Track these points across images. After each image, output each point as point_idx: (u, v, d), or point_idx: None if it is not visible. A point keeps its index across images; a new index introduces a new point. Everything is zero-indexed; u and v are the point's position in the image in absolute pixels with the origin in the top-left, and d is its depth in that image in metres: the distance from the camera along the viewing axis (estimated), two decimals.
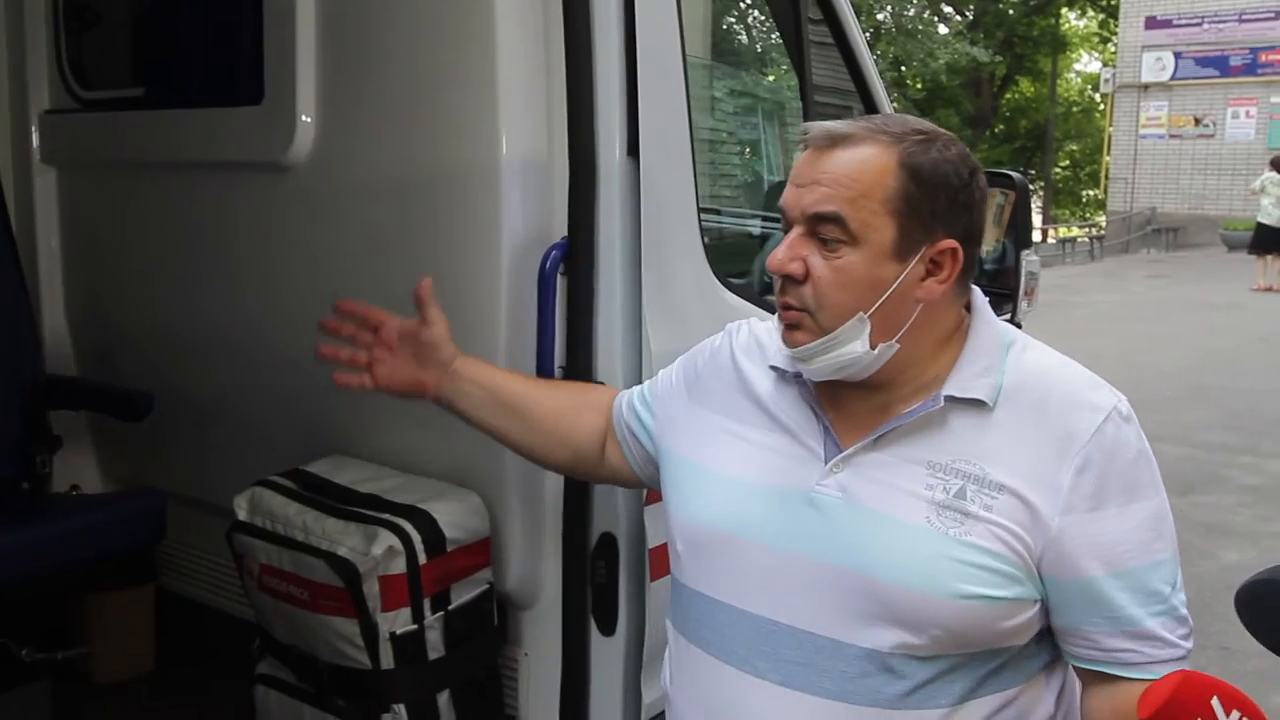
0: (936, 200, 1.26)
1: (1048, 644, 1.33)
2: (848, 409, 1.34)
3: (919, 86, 27.64)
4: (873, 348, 1.27)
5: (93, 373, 2.74)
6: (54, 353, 2.70)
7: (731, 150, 4.86)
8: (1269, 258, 14.50)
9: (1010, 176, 2.77)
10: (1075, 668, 1.33)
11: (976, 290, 1.38)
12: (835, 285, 1.26)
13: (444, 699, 1.87)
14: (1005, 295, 2.64)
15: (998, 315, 1.43)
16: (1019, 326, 2.50)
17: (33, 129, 2.74)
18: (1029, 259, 2.71)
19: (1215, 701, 1.06)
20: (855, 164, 1.25)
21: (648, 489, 1.79)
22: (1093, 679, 1.30)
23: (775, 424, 1.39)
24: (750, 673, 1.34)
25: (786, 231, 1.30)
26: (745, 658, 1.34)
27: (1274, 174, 14.77)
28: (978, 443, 1.27)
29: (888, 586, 1.25)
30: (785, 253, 1.28)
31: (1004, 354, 1.32)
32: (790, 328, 1.30)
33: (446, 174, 1.96)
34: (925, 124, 1.32)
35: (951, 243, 1.27)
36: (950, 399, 1.28)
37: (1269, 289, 14.16)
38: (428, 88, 1.98)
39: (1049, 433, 1.26)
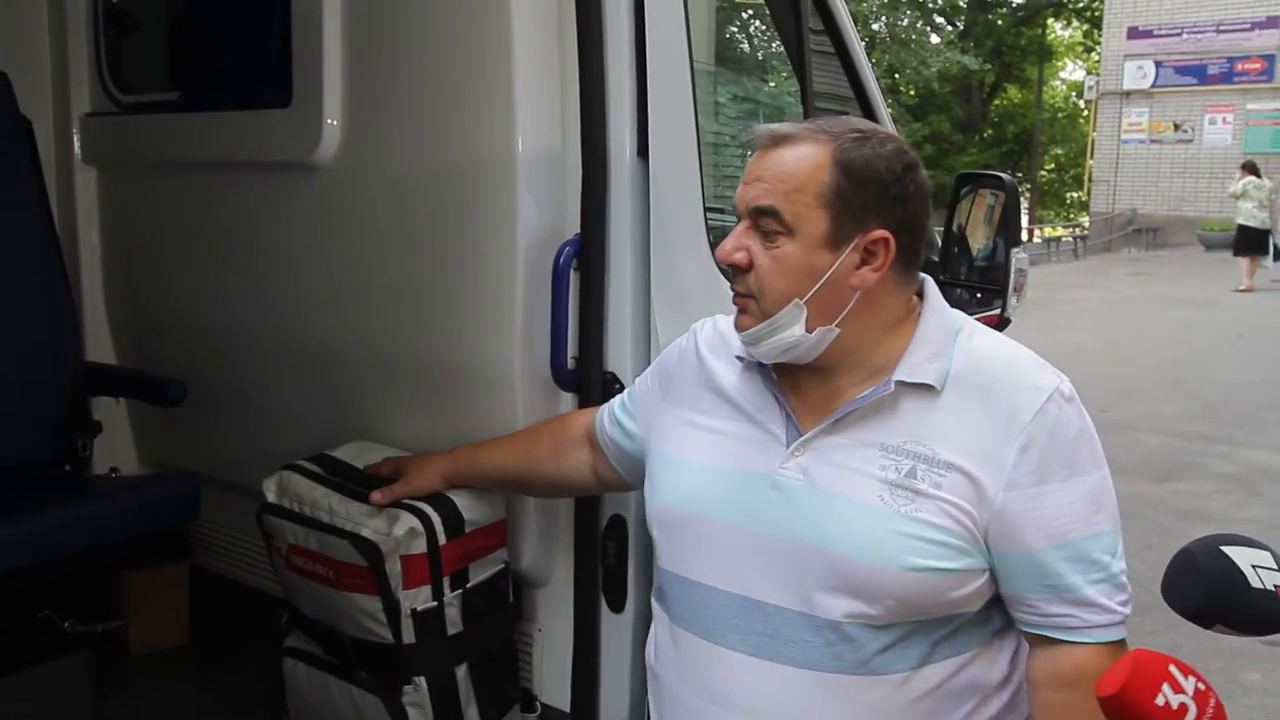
0: (867, 193, 1.28)
1: (999, 611, 1.35)
2: (805, 394, 1.37)
3: (912, 93, 27.58)
4: (809, 331, 1.30)
5: (130, 361, 2.74)
6: (94, 342, 2.70)
7: (734, 152, 4.85)
8: (1248, 259, 14.36)
9: (1001, 178, 2.75)
10: (1023, 632, 1.35)
11: (929, 279, 1.41)
12: (774, 273, 1.30)
13: (462, 672, 1.86)
14: (995, 291, 2.63)
15: (988, 310, 1.44)
16: (1009, 321, 2.50)
17: (74, 131, 2.74)
18: (1018, 257, 2.69)
19: (1173, 668, 1.08)
20: (792, 161, 1.29)
21: None
22: (1037, 642, 1.33)
23: (739, 412, 1.41)
24: (724, 645, 1.36)
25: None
26: (719, 632, 1.37)
27: (1253, 178, 14.63)
28: (927, 424, 1.29)
29: (845, 560, 1.28)
30: (731, 243, 1.33)
31: (952, 340, 1.34)
32: (740, 313, 1.35)
33: (465, 173, 1.95)
34: (866, 124, 1.36)
35: (883, 233, 1.30)
36: (900, 384, 1.31)
37: (1250, 289, 14.02)
38: (447, 92, 1.97)
39: (994, 413, 1.28)
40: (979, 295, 2.68)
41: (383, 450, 2.00)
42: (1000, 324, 2.35)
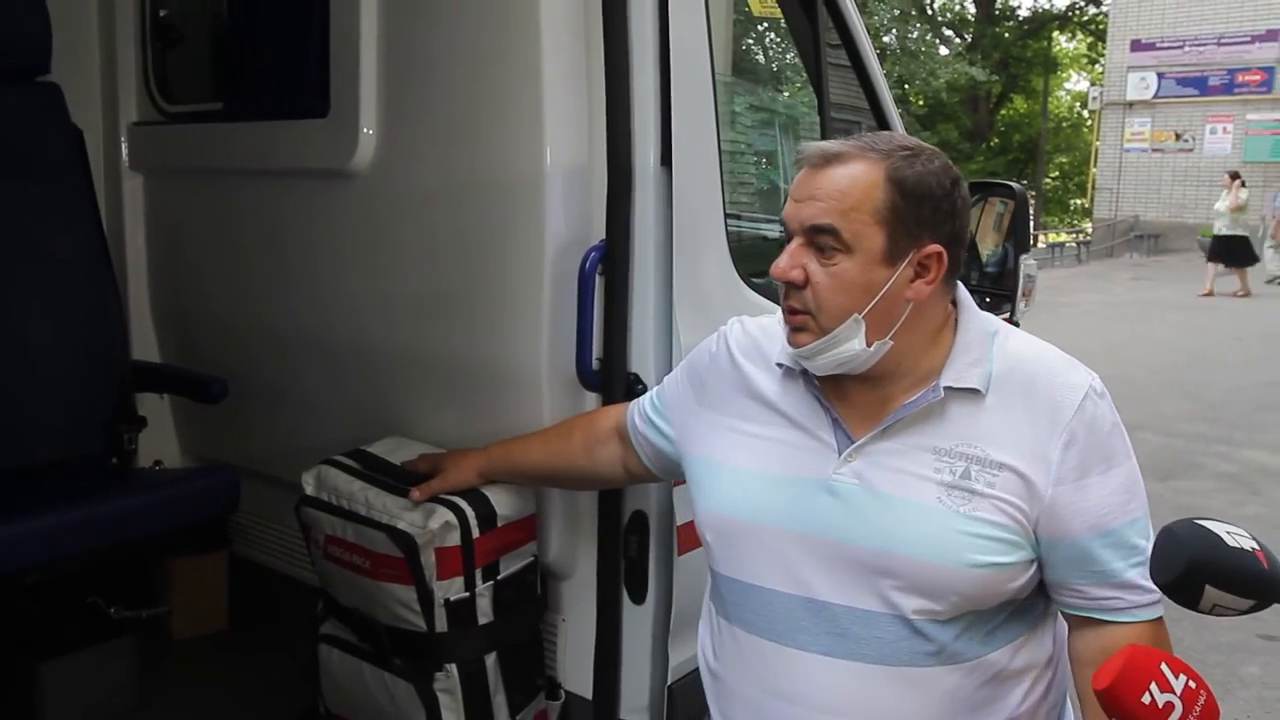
0: (921, 209, 1.28)
1: (1041, 596, 1.37)
2: (853, 401, 1.36)
3: (921, 103, 27.47)
4: (869, 345, 1.30)
5: (173, 359, 2.76)
6: (139, 341, 2.71)
7: (752, 160, 4.84)
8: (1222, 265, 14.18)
9: (1011, 187, 2.75)
10: (1065, 614, 1.37)
11: (961, 285, 1.40)
12: (832, 289, 1.29)
13: (491, 660, 1.87)
14: (1005, 296, 2.62)
15: (997, 314, 1.45)
16: (1017, 325, 2.48)
17: (122, 139, 2.76)
18: (1027, 263, 2.68)
19: (1164, 666, 1.08)
20: (847, 179, 1.28)
21: None
22: (1080, 624, 1.35)
23: (785, 419, 1.41)
24: (794, 646, 1.36)
25: (788, 242, 1.32)
26: (787, 633, 1.37)
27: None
28: (975, 427, 1.30)
29: (909, 560, 1.29)
30: (787, 261, 1.31)
31: (990, 344, 1.35)
32: (795, 330, 1.33)
33: (495, 181, 1.95)
34: (911, 140, 1.35)
35: (937, 247, 1.30)
36: (949, 389, 1.31)
37: (1210, 293, 13.84)
38: (479, 102, 1.97)
39: (1037, 413, 1.29)
40: (989, 300, 2.68)
41: (416, 446, 2.00)
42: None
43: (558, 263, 1.88)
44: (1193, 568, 1.08)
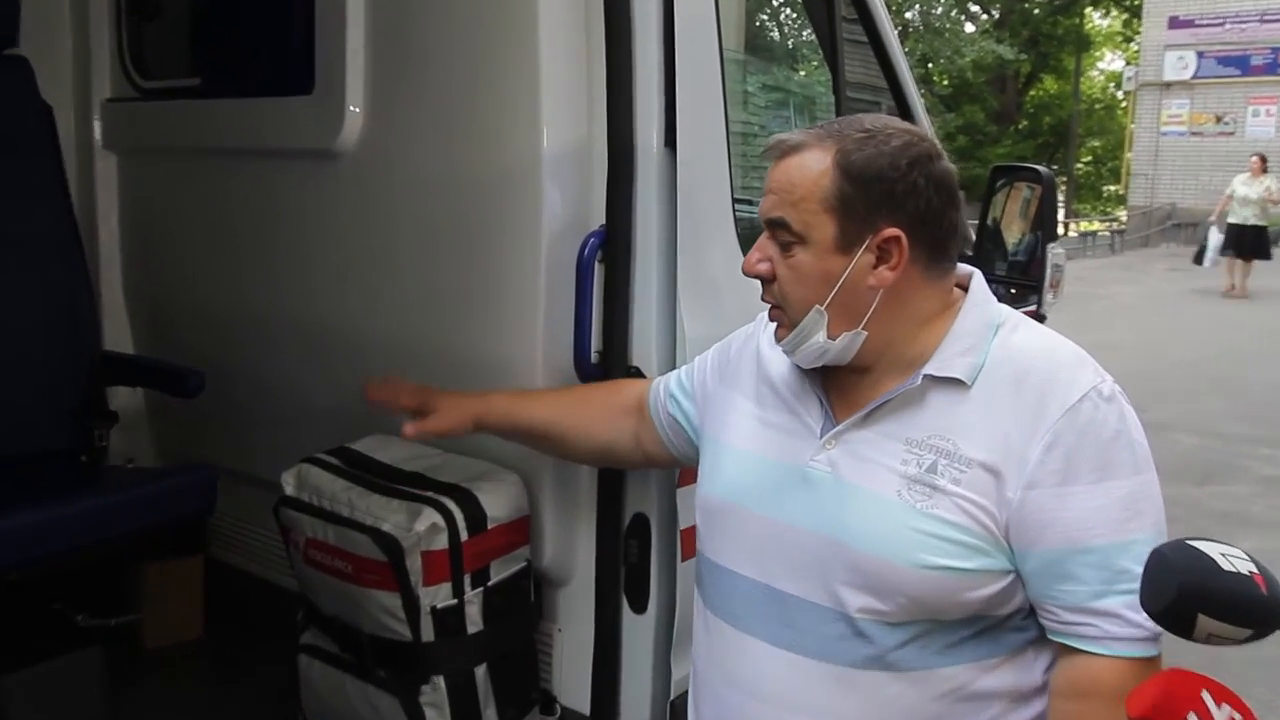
0: (870, 193, 1.28)
1: (1036, 619, 1.33)
2: (843, 388, 1.39)
3: (945, 83, 27.42)
4: (833, 337, 1.32)
5: (148, 351, 2.76)
6: (112, 331, 2.72)
7: (763, 142, 4.82)
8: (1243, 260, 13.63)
9: (1037, 171, 2.73)
10: (1051, 641, 1.33)
11: (977, 274, 1.40)
12: (792, 282, 1.33)
13: (481, 672, 1.86)
14: (1031, 286, 2.60)
15: (1022, 305, 1.43)
16: (1044, 318, 2.47)
17: (95, 117, 2.76)
18: (1054, 252, 2.67)
19: (1206, 694, 1.04)
20: (798, 170, 1.31)
21: (680, 470, 1.81)
22: (1061, 650, 1.31)
23: (784, 404, 1.43)
24: (748, 633, 1.39)
25: None
26: (745, 619, 1.40)
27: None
28: (953, 419, 1.29)
29: (859, 553, 1.29)
30: (755, 255, 1.36)
31: (990, 335, 1.33)
32: (776, 325, 1.39)
33: (489, 163, 1.94)
34: (878, 121, 1.34)
35: (894, 231, 1.29)
36: (929, 377, 1.31)
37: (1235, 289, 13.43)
38: (472, 81, 1.97)
39: (1022, 408, 1.27)
40: (1014, 291, 2.66)
41: (401, 444, 1.99)
42: (1036, 321, 2.33)
43: (555, 249, 1.87)
44: (1184, 595, 1.04)
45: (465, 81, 1.98)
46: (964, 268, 1.40)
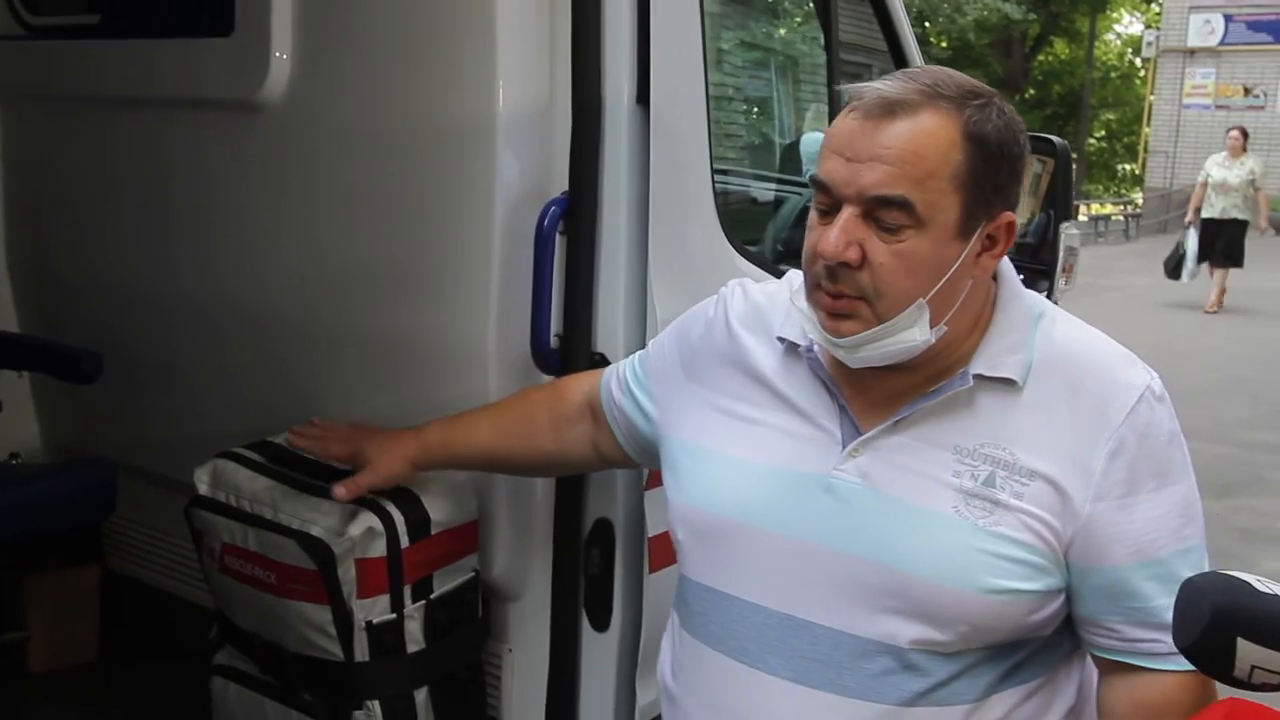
0: (1000, 173, 1.27)
1: (1068, 633, 1.37)
2: (866, 387, 1.36)
3: (944, 45, 27.59)
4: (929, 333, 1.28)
5: (36, 329, 2.73)
6: None
7: (738, 106, 4.84)
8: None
9: (1050, 141, 2.77)
10: (1094, 656, 1.37)
11: (1005, 259, 1.40)
12: (898, 272, 1.25)
13: (422, 696, 1.87)
14: (1042, 271, 2.65)
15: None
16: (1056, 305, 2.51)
17: None
18: (1069, 233, 2.72)
19: None
20: (919, 137, 1.23)
21: (648, 471, 1.81)
22: (1112, 668, 1.34)
23: (784, 403, 1.41)
24: (763, 670, 1.36)
25: (826, 208, 1.28)
26: (758, 654, 1.37)
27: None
28: (1007, 425, 1.30)
29: (913, 579, 1.28)
30: (840, 237, 1.24)
31: (1033, 328, 1.34)
32: (838, 317, 1.28)
33: (436, 120, 1.95)
34: (972, 82, 1.31)
35: (1010, 215, 1.30)
36: (979, 378, 1.30)
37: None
38: (418, 25, 1.96)
39: (1082, 414, 1.29)
40: (1022, 277, 2.70)
41: None
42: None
43: (510, 219, 1.88)
44: (1218, 617, 1.07)
45: (410, 26, 1.97)
46: None
